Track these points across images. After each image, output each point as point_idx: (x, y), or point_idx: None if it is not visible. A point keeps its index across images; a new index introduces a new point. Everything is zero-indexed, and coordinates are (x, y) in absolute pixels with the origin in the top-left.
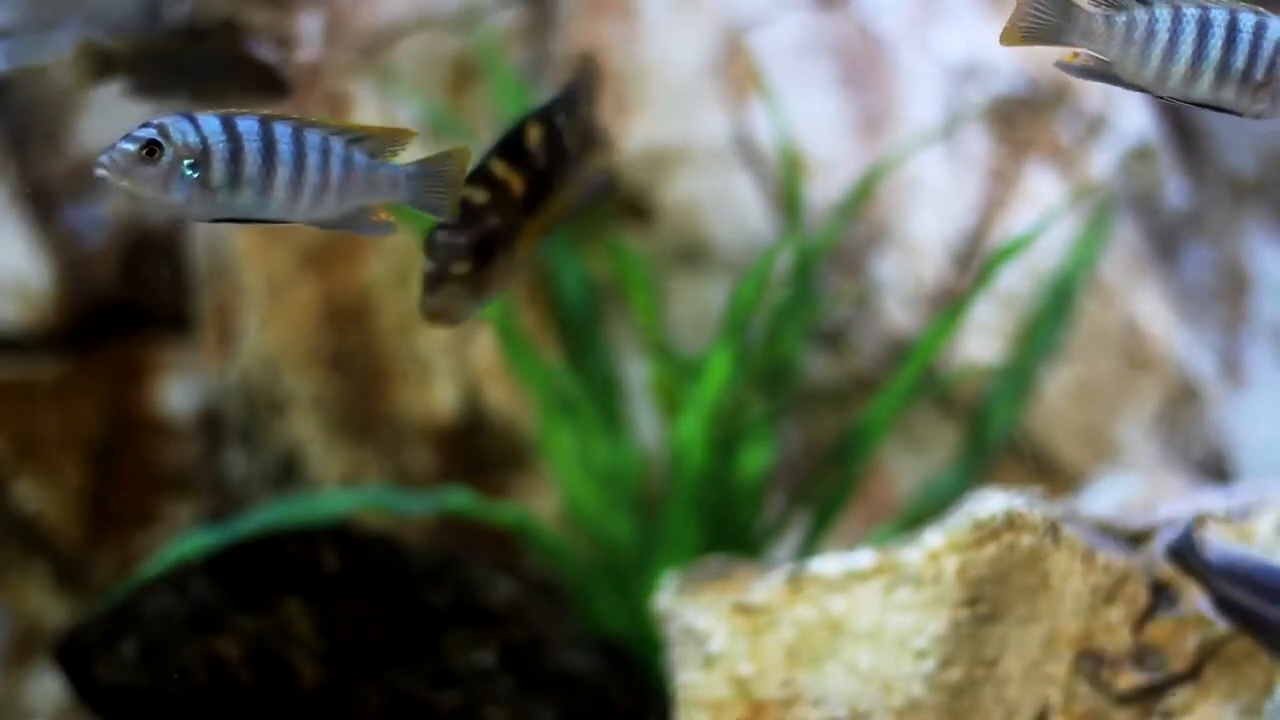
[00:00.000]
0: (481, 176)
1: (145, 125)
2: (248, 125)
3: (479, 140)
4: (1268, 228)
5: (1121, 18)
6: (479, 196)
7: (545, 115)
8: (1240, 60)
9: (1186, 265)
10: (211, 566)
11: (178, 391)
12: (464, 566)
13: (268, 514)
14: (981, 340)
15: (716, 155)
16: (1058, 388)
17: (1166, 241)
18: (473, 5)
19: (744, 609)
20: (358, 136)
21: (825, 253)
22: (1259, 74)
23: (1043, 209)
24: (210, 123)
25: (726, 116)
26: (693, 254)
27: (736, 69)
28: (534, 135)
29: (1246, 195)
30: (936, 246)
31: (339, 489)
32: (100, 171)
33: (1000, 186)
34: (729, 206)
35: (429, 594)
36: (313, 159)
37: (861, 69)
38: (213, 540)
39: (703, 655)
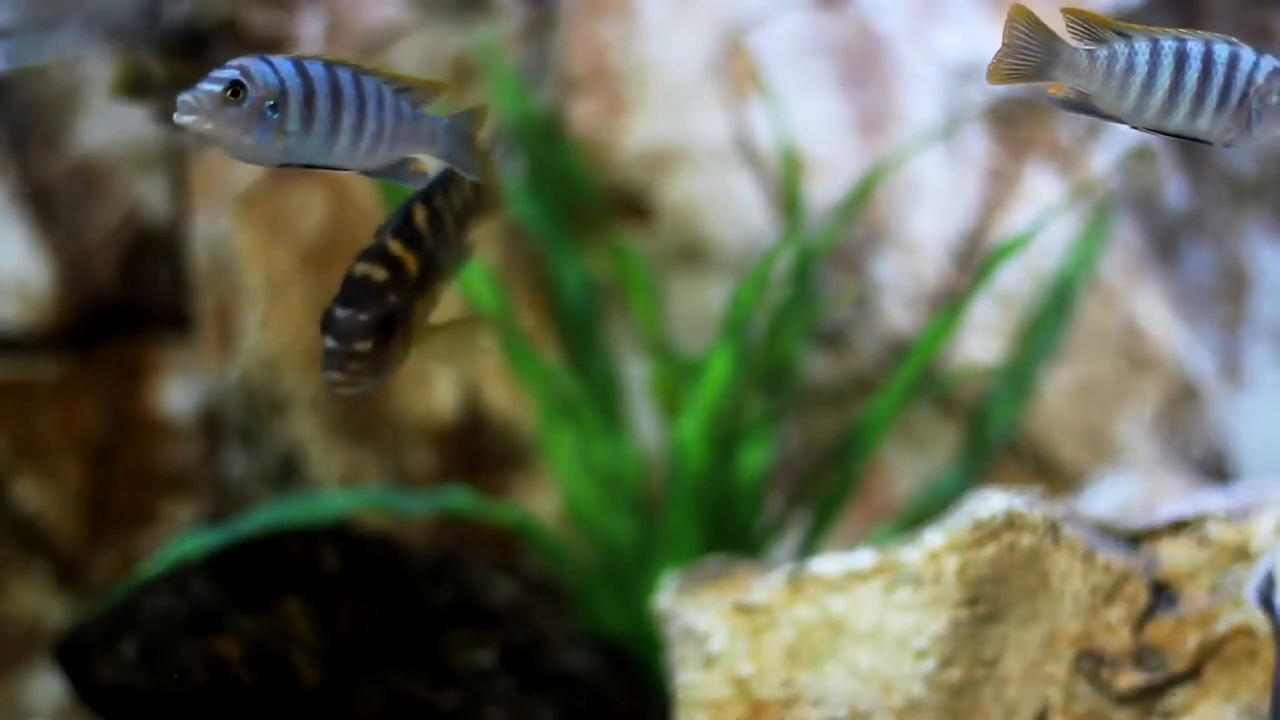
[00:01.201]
0: (380, 255)
1: (223, 67)
2: (316, 69)
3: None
4: (1268, 228)
5: (1103, 52)
6: (379, 274)
7: (429, 196)
8: (1215, 91)
9: (1186, 265)
10: (211, 566)
11: (178, 391)
12: (464, 566)
13: (268, 514)
14: (981, 340)
15: (716, 155)
16: (1058, 388)
17: (1166, 241)
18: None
19: (744, 609)
20: (403, 86)
21: (825, 253)
22: (1232, 104)
23: (1042, 209)
24: (284, 65)
25: (726, 116)
26: (693, 254)
27: (736, 69)
28: (420, 215)
29: (1246, 195)
30: (936, 246)
31: (339, 489)
32: (184, 115)
33: (1000, 186)
34: (729, 206)
35: (429, 594)
36: (372, 106)
37: (861, 69)
38: (213, 540)
39: (703, 655)
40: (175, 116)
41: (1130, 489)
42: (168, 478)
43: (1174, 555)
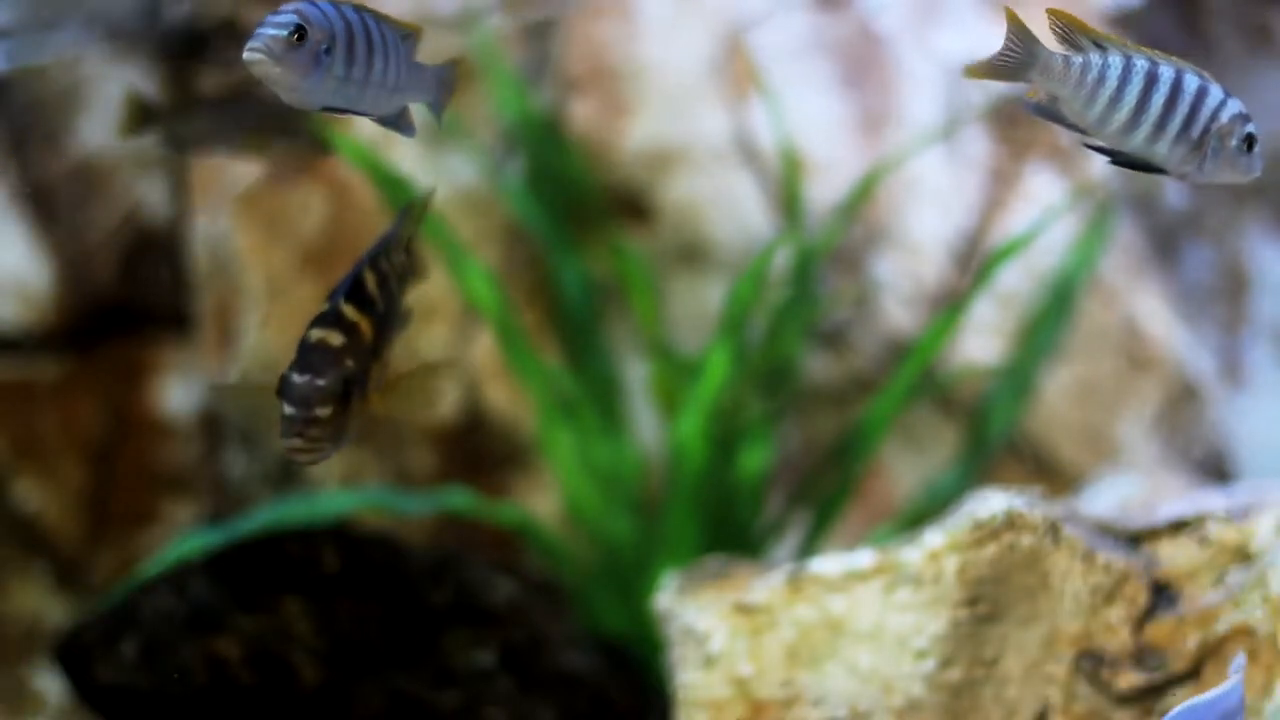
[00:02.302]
0: (334, 319)
1: (279, 12)
2: (351, 14)
3: (478, 140)
4: (1268, 228)
5: (1078, 60)
6: (334, 339)
7: (375, 259)
8: (1178, 119)
9: (1186, 265)
10: (211, 566)
11: (178, 391)
12: (464, 566)
13: (268, 514)
14: (981, 340)
15: (716, 155)
16: (1058, 388)
17: (1166, 241)
18: (473, 5)
19: (744, 609)
20: (405, 33)
21: (825, 253)
22: (1194, 135)
23: (1043, 209)
24: (329, 9)
25: (726, 116)
26: (693, 254)
27: (736, 69)
28: (370, 279)
29: (1246, 195)
30: (936, 246)
31: (339, 489)
32: (254, 56)
33: (1000, 187)
34: (729, 206)
35: (429, 594)
36: (391, 52)
37: (861, 69)
38: (213, 540)
39: (703, 655)
40: (245, 57)
41: (1130, 489)
42: (168, 478)
43: (1174, 555)
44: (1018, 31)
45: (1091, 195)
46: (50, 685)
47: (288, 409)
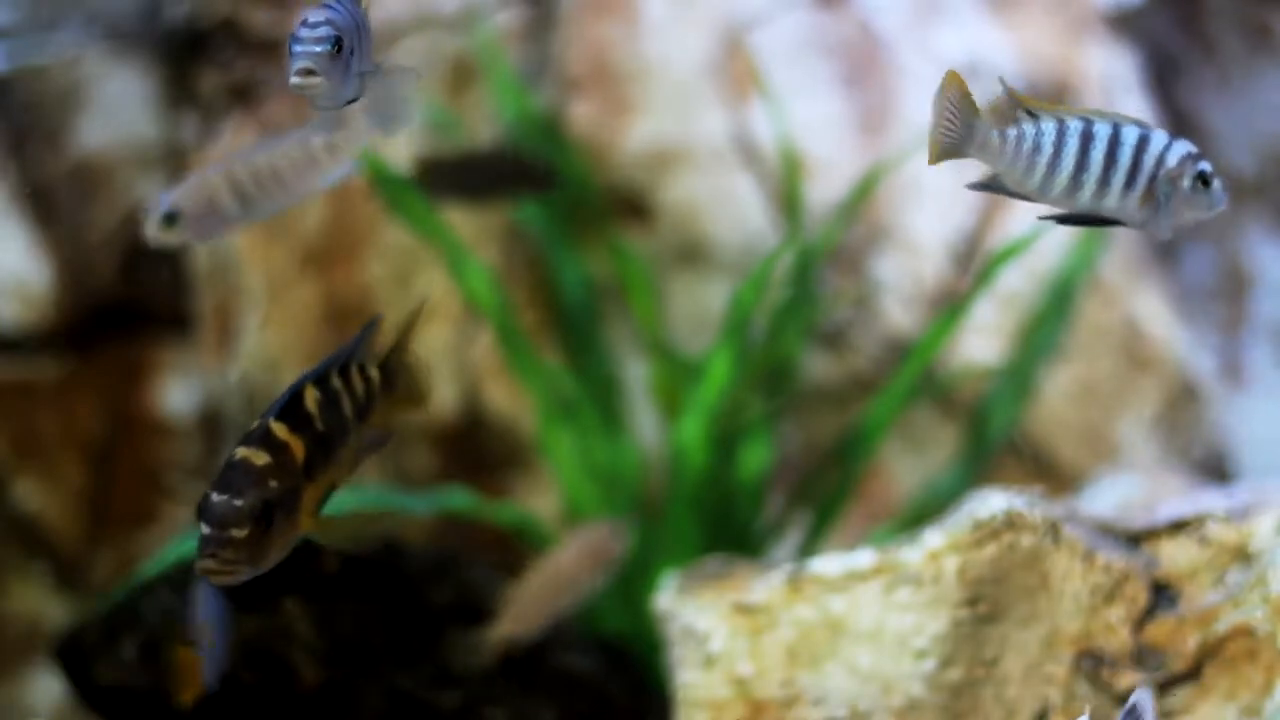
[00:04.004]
0: (261, 438)
1: (314, 25)
2: (351, 6)
3: (480, 140)
4: (1268, 228)
5: (1012, 132)
6: (259, 459)
7: (322, 377)
8: (1121, 173)
9: (1186, 265)
10: None
11: (178, 391)
12: (464, 566)
13: None
14: (981, 340)
15: (716, 155)
16: (1058, 388)
17: (1166, 241)
18: (473, 5)
19: (744, 609)
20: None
21: (825, 253)
22: (1140, 186)
23: (1041, 209)
24: (341, 8)
25: (726, 116)
26: (693, 254)
27: (736, 69)
28: (311, 397)
29: (1246, 195)
30: (936, 246)
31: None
32: (306, 80)
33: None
34: (729, 206)
35: (429, 594)
36: (369, 42)
37: (861, 69)
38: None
39: (703, 655)
40: (295, 81)
41: (1130, 489)
42: (168, 478)
43: (1174, 555)
44: (961, 104)
45: None
46: (50, 685)
47: (203, 528)
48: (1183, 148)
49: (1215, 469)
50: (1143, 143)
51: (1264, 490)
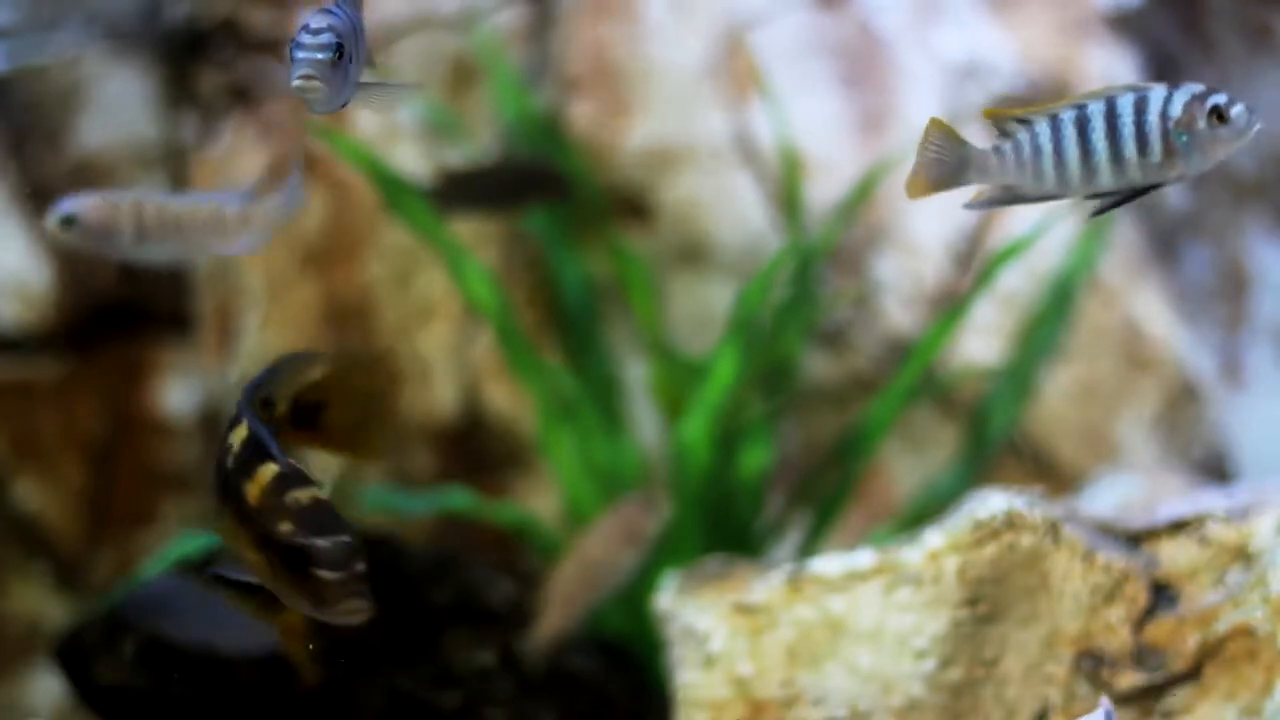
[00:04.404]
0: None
1: (316, 31)
2: (348, 9)
3: (478, 139)
4: (1268, 228)
5: (1008, 145)
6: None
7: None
8: (1129, 142)
9: (1186, 265)
10: (212, 566)
11: (178, 391)
12: (464, 566)
13: None
14: (981, 340)
15: (716, 155)
16: (1058, 388)
17: (1166, 241)
18: (473, 5)
19: (744, 609)
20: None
21: (825, 253)
22: (1155, 147)
23: (1042, 209)
24: (340, 11)
25: (726, 116)
26: (693, 254)
27: (736, 69)
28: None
29: (1246, 195)
30: (936, 246)
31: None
32: (308, 84)
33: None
34: (729, 206)
35: (429, 594)
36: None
37: (861, 69)
38: (213, 540)
39: (703, 655)
40: (298, 85)
41: (1130, 489)
42: (168, 478)
43: (1174, 555)
44: (949, 139)
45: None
46: (50, 685)
47: (329, 574)
48: (1185, 94)
49: (1215, 469)
50: (1141, 105)
51: (1264, 490)
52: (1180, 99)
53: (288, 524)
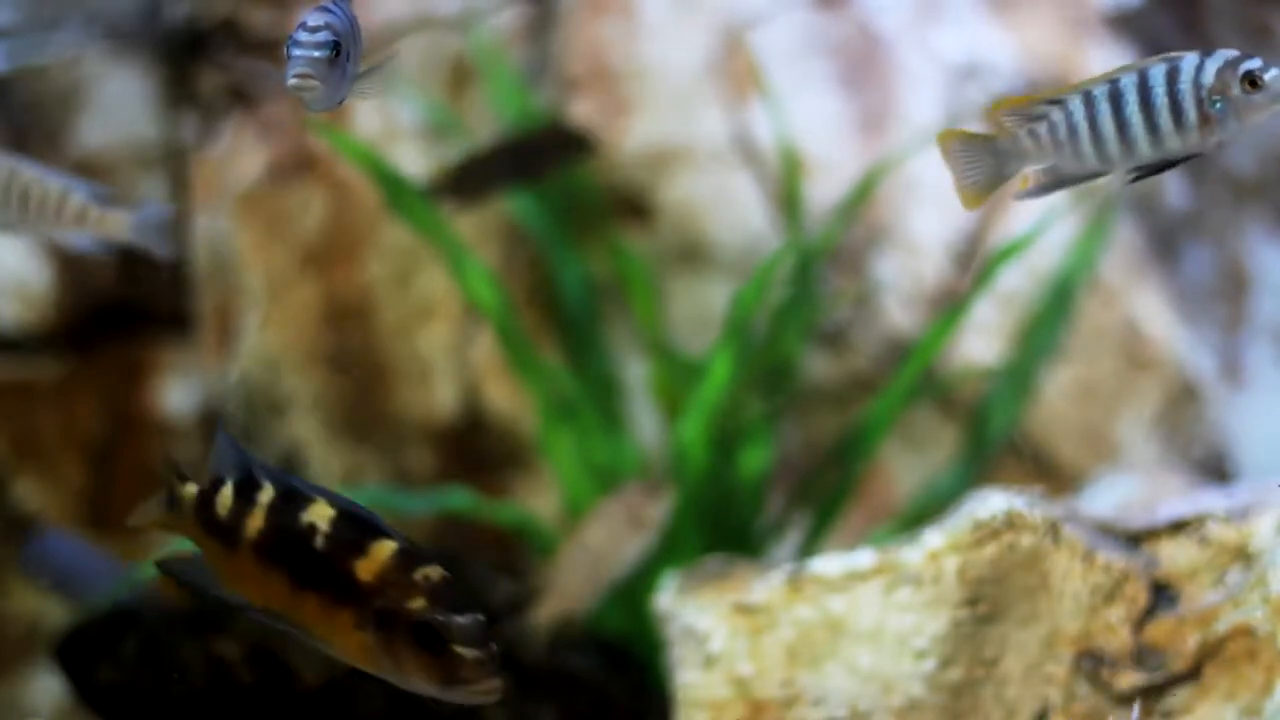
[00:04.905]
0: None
1: (313, 30)
2: (345, 6)
3: (478, 140)
4: (1268, 228)
5: (1042, 126)
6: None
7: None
8: (1164, 112)
9: (1186, 265)
10: None
11: (178, 391)
12: (464, 566)
13: None
14: (981, 340)
15: (716, 155)
16: (1058, 388)
17: (1166, 241)
18: (473, 5)
19: (744, 609)
20: None
21: (825, 253)
22: (1190, 115)
23: (1042, 209)
24: (338, 9)
25: (726, 116)
26: (693, 254)
27: (736, 69)
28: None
29: (1246, 195)
30: (936, 246)
31: (339, 489)
32: (305, 84)
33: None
34: (729, 206)
35: None
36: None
37: (861, 69)
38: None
39: (703, 655)
40: (293, 84)
41: (1130, 489)
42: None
43: (1174, 555)
44: (969, 143)
45: (1092, 195)
46: (50, 685)
47: (473, 653)
48: (1217, 60)
49: (1215, 469)
50: (1173, 74)
51: (1264, 490)
52: (1213, 66)
53: (420, 600)
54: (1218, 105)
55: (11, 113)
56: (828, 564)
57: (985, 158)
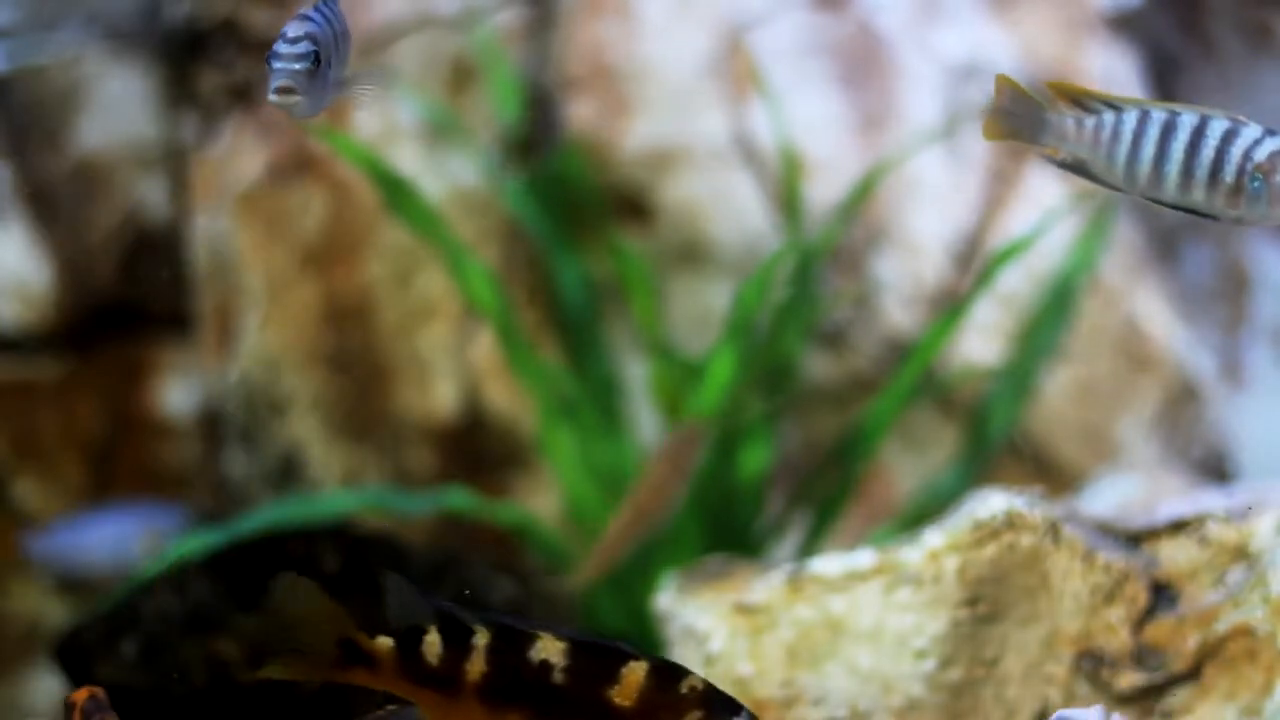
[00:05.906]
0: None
1: (294, 41)
2: (328, 11)
3: (478, 140)
4: (1268, 228)
5: (1091, 121)
6: None
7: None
8: (1204, 164)
9: (1186, 265)
10: (211, 566)
11: (178, 391)
12: (464, 566)
13: (268, 514)
14: (981, 340)
15: (716, 155)
16: (1058, 388)
17: (1166, 241)
18: (473, 5)
19: (744, 609)
20: None
21: (825, 253)
22: (1226, 179)
23: (1043, 209)
24: (319, 16)
25: (726, 116)
26: (693, 254)
27: (736, 69)
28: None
29: None
30: (936, 246)
31: (339, 489)
32: (284, 99)
33: (1000, 187)
34: (729, 206)
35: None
36: (346, 47)
37: (861, 69)
38: (213, 540)
39: (703, 655)
40: (274, 99)
41: (1130, 489)
42: (168, 478)
43: (1174, 555)
44: (1022, 97)
45: (1092, 195)
46: (50, 685)
47: None
48: (1275, 143)
49: (1215, 469)
50: (1229, 135)
51: (1264, 490)
52: (1270, 145)
53: (698, 712)
54: (1256, 183)
55: (11, 113)
56: (828, 564)
57: (1028, 115)
